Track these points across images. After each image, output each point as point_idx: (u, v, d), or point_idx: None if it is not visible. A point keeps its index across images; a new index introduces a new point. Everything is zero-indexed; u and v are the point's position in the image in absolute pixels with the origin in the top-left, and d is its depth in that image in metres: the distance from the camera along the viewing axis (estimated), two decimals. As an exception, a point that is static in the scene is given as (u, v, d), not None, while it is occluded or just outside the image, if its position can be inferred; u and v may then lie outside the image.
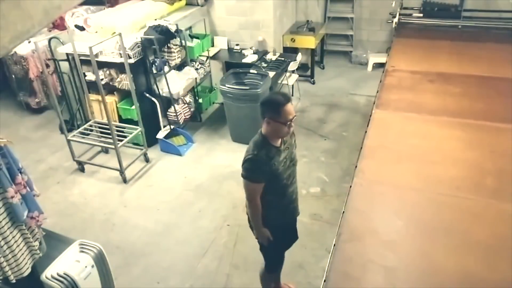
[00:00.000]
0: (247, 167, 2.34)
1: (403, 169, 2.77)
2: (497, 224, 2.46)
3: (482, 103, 3.59)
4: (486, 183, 2.79)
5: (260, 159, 2.31)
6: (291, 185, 2.56)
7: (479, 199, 2.65)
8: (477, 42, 4.94)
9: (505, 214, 2.51)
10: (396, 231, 2.50)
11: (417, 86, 3.98)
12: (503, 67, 4.16)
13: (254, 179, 2.35)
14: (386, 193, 2.73)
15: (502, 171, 2.85)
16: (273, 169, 2.34)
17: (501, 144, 3.13)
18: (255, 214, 2.50)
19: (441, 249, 2.32)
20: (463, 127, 3.36)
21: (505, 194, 2.66)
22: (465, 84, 3.93)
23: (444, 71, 4.19)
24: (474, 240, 2.37)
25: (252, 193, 2.42)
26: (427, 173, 2.93)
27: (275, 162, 2.35)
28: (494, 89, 3.88)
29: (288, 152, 2.47)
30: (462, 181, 2.80)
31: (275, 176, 2.39)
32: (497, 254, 2.26)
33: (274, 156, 2.35)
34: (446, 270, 2.19)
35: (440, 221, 2.52)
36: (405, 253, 2.25)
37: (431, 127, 3.40)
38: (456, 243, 2.36)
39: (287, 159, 2.46)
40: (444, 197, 2.68)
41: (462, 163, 2.96)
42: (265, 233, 2.56)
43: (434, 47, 4.86)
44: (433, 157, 3.08)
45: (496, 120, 3.38)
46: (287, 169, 2.46)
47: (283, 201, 2.56)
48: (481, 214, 2.56)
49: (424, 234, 2.42)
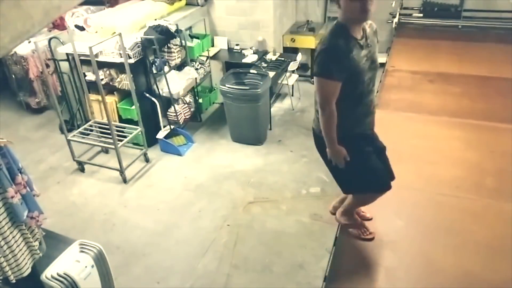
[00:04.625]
0: (321, 61, 1.94)
1: (403, 169, 2.77)
2: (497, 224, 2.46)
3: (482, 103, 3.60)
4: (486, 183, 2.79)
5: (338, 49, 1.92)
6: (370, 92, 2.13)
7: (479, 199, 2.66)
8: (477, 42, 4.95)
9: (505, 214, 2.51)
10: (396, 231, 2.50)
11: (417, 86, 3.98)
12: (503, 67, 4.17)
13: (329, 75, 1.93)
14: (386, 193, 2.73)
15: (502, 171, 2.86)
16: (352, 64, 1.95)
17: (500, 144, 3.13)
18: (330, 125, 2.04)
19: (441, 249, 2.33)
20: (463, 127, 3.37)
21: (505, 194, 2.66)
22: (465, 84, 3.94)
23: (444, 71, 4.20)
24: (474, 240, 2.37)
25: (326, 95, 1.98)
26: (427, 173, 2.93)
27: (355, 55, 1.95)
28: (494, 89, 3.89)
29: (370, 50, 2.06)
30: (462, 181, 2.81)
31: (354, 75, 1.98)
32: (497, 254, 2.26)
33: (353, 48, 1.96)
34: (446, 270, 2.19)
35: (440, 221, 2.52)
36: (405, 253, 2.26)
37: (431, 127, 3.41)
38: (456, 243, 2.36)
39: (368, 59, 2.04)
40: (444, 197, 2.68)
41: (462, 163, 2.97)
42: (341, 151, 2.12)
43: (434, 47, 4.86)
44: (433, 157, 3.08)
45: (495, 120, 3.38)
46: (367, 70, 2.05)
47: (358, 110, 2.13)
48: (481, 214, 2.56)
49: (424, 234, 2.43)
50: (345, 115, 2.06)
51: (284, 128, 4.79)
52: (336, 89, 1.96)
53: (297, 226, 3.36)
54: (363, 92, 2.08)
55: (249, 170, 4.09)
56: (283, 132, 4.71)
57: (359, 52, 1.98)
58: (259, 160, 4.25)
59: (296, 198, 3.67)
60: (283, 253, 3.11)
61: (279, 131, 4.73)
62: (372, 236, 2.45)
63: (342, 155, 2.12)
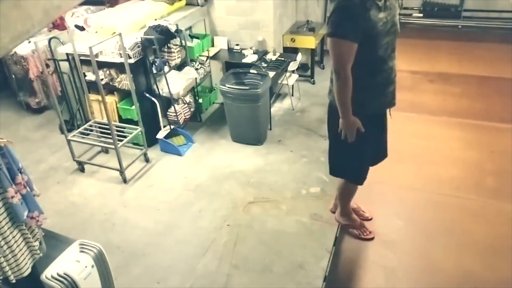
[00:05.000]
0: (335, 20, 1.81)
1: (403, 169, 2.78)
2: (497, 224, 2.47)
3: (482, 103, 3.61)
4: (486, 183, 2.80)
5: (354, 8, 1.78)
6: (390, 59, 1.98)
7: (479, 199, 2.66)
8: (477, 42, 4.95)
9: (504, 214, 2.52)
10: (396, 231, 2.50)
11: (417, 86, 3.98)
12: (503, 67, 4.17)
13: (344, 34, 1.79)
14: (386, 193, 2.73)
15: (502, 171, 2.86)
16: (369, 24, 1.81)
17: (500, 144, 3.14)
18: (344, 92, 1.89)
19: (441, 249, 2.33)
20: (463, 127, 3.37)
21: (504, 194, 2.67)
22: (465, 84, 3.94)
23: (444, 71, 4.20)
24: (474, 240, 2.37)
25: (341, 58, 1.84)
26: (427, 173, 2.94)
27: (372, 16, 1.82)
28: (494, 89, 3.89)
29: (390, 13, 1.92)
30: (462, 181, 2.81)
31: (371, 37, 1.84)
32: (497, 254, 2.27)
33: (371, 8, 1.82)
34: (446, 270, 2.19)
35: (440, 221, 2.53)
36: (405, 253, 2.26)
37: (431, 127, 3.41)
38: (456, 243, 2.36)
39: (388, 22, 1.90)
40: (444, 197, 2.69)
41: (462, 163, 2.97)
42: (355, 122, 1.98)
43: (434, 47, 4.86)
44: (433, 157, 3.09)
45: (495, 120, 3.39)
46: (387, 33, 1.90)
47: (377, 80, 1.98)
48: (481, 214, 2.56)
49: (424, 234, 2.43)
50: (363, 85, 1.92)
51: (284, 128, 4.79)
52: (351, 51, 1.82)
53: (297, 226, 3.36)
54: (382, 58, 1.92)
55: (249, 170, 4.09)
56: (283, 132, 4.71)
57: (377, 13, 1.83)
58: (259, 160, 4.25)
59: (296, 198, 3.67)
60: (283, 253, 3.11)
61: (279, 131, 4.73)
62: (371, 236, 2.45)
63: (356, 126, 1.99)
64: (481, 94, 3.76)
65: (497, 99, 3.74)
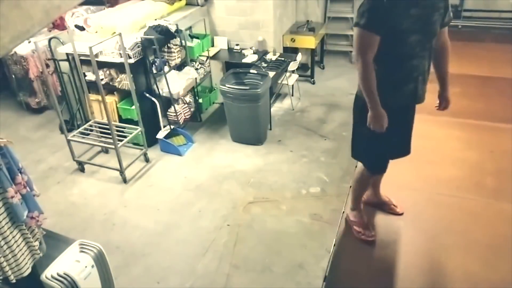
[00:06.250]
0: (361, 10, 1.81)
1: (403, 169, 2.78)
2: (497, 224, 2.47)
3: (482, 103, 3.61)
4: (486, 183, 2.80)
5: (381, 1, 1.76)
6: (417, 58, 1.91)
7: (479, 199, 2.66)
8: (477, 42, 4.95)
9: (504, 214, 2.52)
10: (396, 231, 2.50)
11: (417, 86, 3.98)
12: (503, 67, 4.17)
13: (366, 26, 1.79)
14: (386, 193, 2.73)
15: (502, 171, 2.86)
16: (395, 20, 1.78)
17: (500, 144, 3.14)
18: (366, 78, 1.87)
19: (440, 249, 2.33)
20: (463, 127, 3.37)
21: (504, 194, 2.67)
22: (465, 84, 3.94)
23: (444, 71, 4.20)
24: (474, 240, 2.37)
25: (361, 46, 1.84)
26: (427, 173, 2.94)
27: (400, 11, 1.77)
28: (494, 89, 3.89)
29: (425, 12, 1.83)
30: (461, 181, 2.81)
31: (396, 33, 1.81)
32: (497, 254, 2.27)
33: (401, 3, 1.77)
34: (446, 270, 2.19)
35: (440, 221, 2.53)
36: (405, 253, 2.26)
37: (431, 127, 3.41)
38: (456, 243, 2.36)
39: (421, 19, 1.82)
40: (444, 197, 2.69)
41: (461, 163, 2.97)
42: (382, 114, 1.95)
43: (434, 47, 4.86)
44: (433, 157, 3.09)
45: (495, 120, 3.39)
46: (417, 31, 1.84)
47: (396, 74, 1.93)
48: (481, 214, 2.56)
49: (424, 234, 2.43)
50: (382, 79, 1.89)
51: (284, 128, 4.79)
52: (373, 42, 1.81)
53: (297, 226, 3.36)
54: (407, 54, 1.86)
55: (249, 170, 4.09)
56: (283, 132, 4.71)
57: (408, 9, 1.77)
58: (259, 160, 4.25)
59: (296, 198, 3.68)
60: (283, 253, 3.11)
61: (279, 131, 4.73)
62: (372, 239, 2.44)
63: (384, 118, 1.96)
64: (481, 94, 3.76)
65: (497, 99, 3.74)
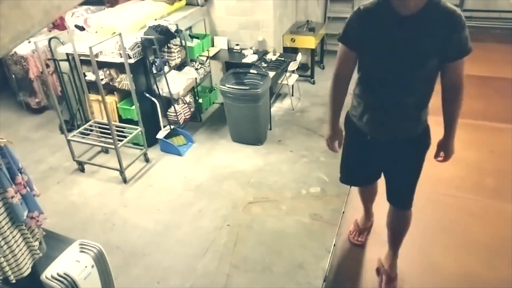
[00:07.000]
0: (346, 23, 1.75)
1: (403, 169, 2.78)
2: (497, 224, 2.46)
3: (482, 103, 3.60)
4: (486, 183, 2.79)
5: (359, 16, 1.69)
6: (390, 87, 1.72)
7: (479, 199, 2.66)
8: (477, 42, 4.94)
9: (504, 214, 2.51)
10: (396, 231, 2.50)
11: (417, 86, 3.97)
12: (503, 67, 4.17)
13: (341, 38, 1.78)
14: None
15: (502, 171, 2.86)
16: (368, 40, 1.67)
17: (500, 144, 3.13)
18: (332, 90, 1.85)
19: (440, 249, 2.33)
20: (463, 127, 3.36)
21: (504, 194, 2.66)
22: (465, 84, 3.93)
23: (444, 71, 4.20)
24: (474, 240, 2.37)
25: (338, 57, 1.81)
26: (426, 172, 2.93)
27: (377, 32, 1.64)
28: (494, 89, 3.89)
29: (414, 37, 1.59)
30: (461, 181, 2.81)
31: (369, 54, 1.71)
32: (497, 254, 2.26)
33: (382, 23, 1.62)
34: (445, 270, 2.19)
35: (439, 221, 2.53)
36: (405, 253, 2.25)
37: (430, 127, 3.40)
38: (455, 243, 2.36)
39: (405, 44, 1.60)
40: (443, 196, 2.68)
41: (461, 163, 2.96)
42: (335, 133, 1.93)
43: (434, 47, 4.86)
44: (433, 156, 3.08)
45: (495, 120, 3.38)
46: (394, 56, 1.64)
47: (368, 99, 1.82)
48: (481, 214, 2.56)
49: (423, 234, 2.43)
50: (356, 99, 1.85)
51: (284, 128, 4.79)
52: (346, 56, 1.77)
53: (297, 226, 3.36)
54: (378, 80, 1.74)
55: (249, 170, 4.09)
56: (283, 132, 4.71)
57: (390, 30, 1.61)
58: (259, 160, 4.25)
59: (296, 198, 3.68)
60: (283, 253, 3.11)
61: (279, 131, 4.74)
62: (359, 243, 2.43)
63: (336, 139, 1.96)
64: (481, 94, 3.75)
65: (497, 99, 3.74)
